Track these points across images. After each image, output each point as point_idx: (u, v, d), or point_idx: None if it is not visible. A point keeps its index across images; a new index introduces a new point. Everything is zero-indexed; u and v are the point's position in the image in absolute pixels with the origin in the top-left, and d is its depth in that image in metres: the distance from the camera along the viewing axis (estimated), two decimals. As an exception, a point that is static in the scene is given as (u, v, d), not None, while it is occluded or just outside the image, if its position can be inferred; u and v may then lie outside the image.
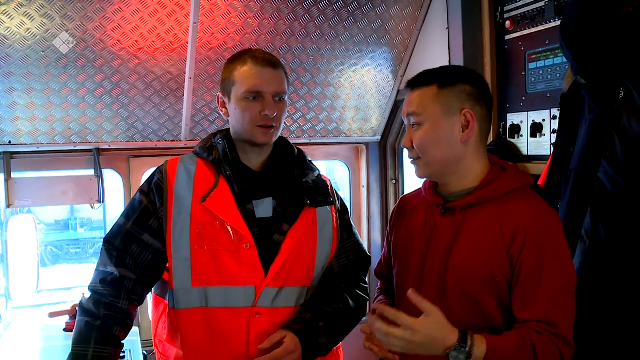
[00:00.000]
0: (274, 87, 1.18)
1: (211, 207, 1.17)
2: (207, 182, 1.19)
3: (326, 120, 2.34)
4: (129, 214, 1.23)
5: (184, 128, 2.11)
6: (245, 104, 1.19)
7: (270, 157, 1.26)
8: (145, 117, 2.03)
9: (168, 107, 2.05)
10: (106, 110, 1.96)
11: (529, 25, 1.70)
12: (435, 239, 1.12)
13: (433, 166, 1.12)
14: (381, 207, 2.55)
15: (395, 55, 2.25)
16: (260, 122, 1.18)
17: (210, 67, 1.98)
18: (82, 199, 2.06)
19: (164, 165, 1.24)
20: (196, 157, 1.25)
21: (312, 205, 1.24)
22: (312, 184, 1.27)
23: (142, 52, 1.86)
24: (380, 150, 2.53)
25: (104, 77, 1.88)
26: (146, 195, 1.22)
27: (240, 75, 1.19)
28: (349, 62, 2.19)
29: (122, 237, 1.21)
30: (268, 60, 1.19)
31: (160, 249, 1.21)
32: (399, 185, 2.54)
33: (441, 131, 1.08)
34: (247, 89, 1.18)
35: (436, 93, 1.08)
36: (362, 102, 2.35)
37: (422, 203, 1.22)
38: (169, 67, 1.94)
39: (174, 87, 1.99)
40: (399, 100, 2.37)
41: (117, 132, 2.04)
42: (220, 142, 1.23)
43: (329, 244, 1.27)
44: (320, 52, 2.10)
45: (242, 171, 1.21)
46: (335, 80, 2.23)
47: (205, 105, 2.10)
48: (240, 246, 1.16)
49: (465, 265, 1.07)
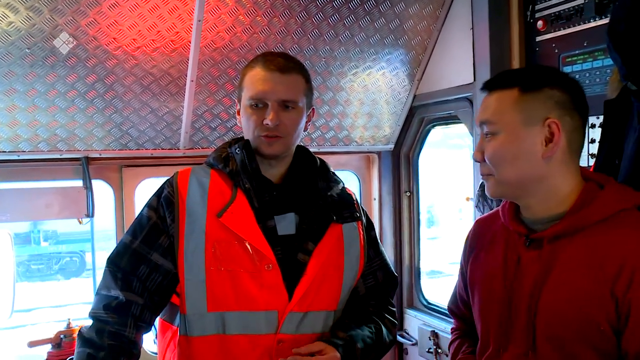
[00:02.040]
0: (278, 94, 1.16)
1: (228, 223, 1.15)
2: (223, 195, 1.18)
3: (337, 128, 2.35)
4: (135, 231, 1.20)
5: (183, 135, 2.10)
6: (249, 111, 1.19)
7: (290, 168, 1.26)
8: (140, 123, 2.01)
9: (166, 113, 2.04)
10: (98, 115, 1.94)
11: (564, 25, 1.70)
12: (521, 278, 1.03)
13: (506, 185, 1.03)
14: (394, 221, 2.54)
15: (412, 58, 2.26)
16: (263, 132, 1.18)
17: (214, 69, 1.97)
18: (69, 213, 2.02)
19: (173, 178, 1.22)
20: (209, 169, 1.23)
21: (338, 221, 1.23)
22: (337, 197, 1.26)
23: (140, 51, 1.85)
24: (394, 160, 2.53)
25: (96, 79, 1.86)
26: (155, 210, 1.20)
27: (247, 80, 1.20)
28: (363, 64, 2.20)
29: (128, 257, 1.18)
30: (277, 64, 1.18)
31: (171, 270, 1.19)
32: (414, 197, 2.54)
33: (519, 144, 0.99)
34: (251, 95, 1.18)
35: (517, 98, 1.00)
36: (376, 108, 2.37)
37: (501, 231, 1.12)
38: (168, 69, 1.93)
39: (174, 90, 1.98)
40: (414, 106, 2.39)
41: (109, 139, 2.01)
42: (239, 152, 1.21)
43: (356, 263, 1.26)
44: (333, 54, 2.11)
45: (262, 184, 1.21)
46: (348, 85, 2.24)
47: (208, 110, 2.09)
48: (262, 267, 1.15)
49: (558, 311, 0.97)
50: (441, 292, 2.33)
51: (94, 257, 2.32)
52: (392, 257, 2.53)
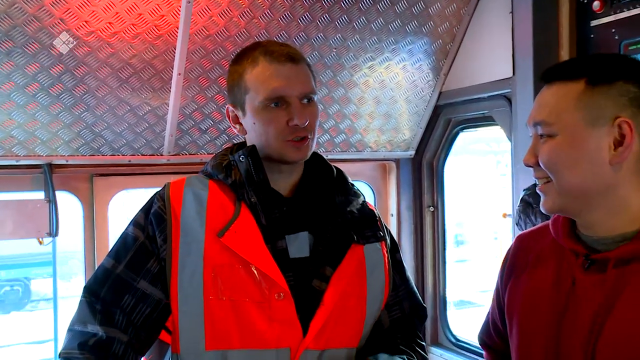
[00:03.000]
0: (299, 87, 1.15)
1: (231, 244, 1.11)
2: (225, 211, 1.15)
3: (348, 131, 2.27)
4: (119, 253, 1.16)
5: (168, 139, 2.01)
6: (266, 114, 1.15)
7: (302, 178, 1.23)
8: (117, 124, 1.93)
9: (148, 112, 1.95)
10: (65, 113, 1.85)
11: (627, 6, 1.60)
12: (576, 307, 0.97)
13: (567, 195, 0.97)
14: (414, 241, 2.45)
15: (438, 48, 2.17)
16: (290, 136, 1.14)
17: (205, 60, 1.90)
18: (27, 232, 1.93)
19: (164, 190, 1.19)
20: (207, 180, 1.20)
21: (359, 242, 1.20)
22: (358, 214, 1.22)
23: (117, 38, 1.76)
24: (414, 169, 2.45)
25: (63, 70, 1.76)
26: (142, 228, 1.16)
27: (253, 79, 1.16)
28: (381, 56, 2.12)
29: (110, 284, 1.14)
30: (286, 54, 1.15)
31: (162, 300, 1.14)
32: (438, 213, 2.44)
33: (581, 146, 0.94)
34: (266, 96, 1.14)
35: (582, 92, 0.94)
36: (394, 108, 2.29)
37: (551, 249, 1.07)
38: (152, 59, 1.84)
39: (158, 85, 1.90)
40: (440, 105, 2.29)
41: (77, 143, 1.93)
42: (243, 159, 1.17)
43: (380, 292, 1.22)
44: (346, 43, 2.03)
45: (271, 198, 1.17)
46: (363, 80, 2.16)
47: (197, 109, 2.01)
48: (271, 296, 1.10)
49: (625, 354, 0.90)
50: (472, 326, 2.21)
51: (55, 286, 2.19)
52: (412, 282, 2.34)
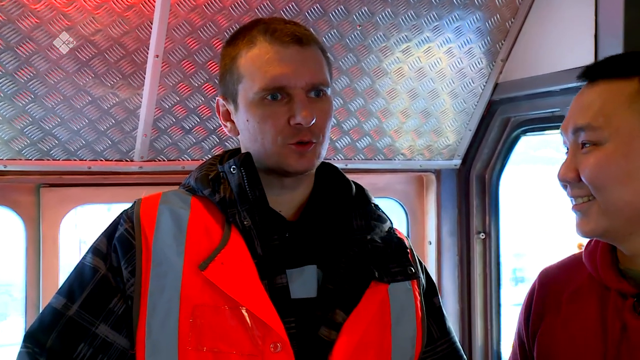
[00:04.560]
0: (306, 75, 1.13)
1: (217, 278, 1.10)
2: (210, 237, 1.14)
3: (374, 133, 2.19)
4: (72, 290, 1.14)
5: (141, 140, 1.92)
6: (262, 109, 1.14)
7: (311, 196, 1.22)
8: (73, 120, 1.84)
9: (115, 105, 1.87)
10: (3, 105, 1.78)
11: None
12: (631, 357, 1.01)
13: (615, 217, 1.02)
14: (459, 278, 2.38)
15: (494, 26, 2.06)
16: (291, 138, 1.13)
17: (191, 38, 1.82)
18: None
19: (134, 208, 1.18)
20: (189, 196, 1.19)
21: (382, 280, 1.18)
22: (381, 243, 1.21)
23: (74, 7, 1.68)
24: (460, 183, 2.37)
25: (2, 48, 1.68)
26: (104, 257, 1.15)
27: (248, 63, 1.15)
28: (419, 36, 2.03)
29: (60, 330, 1.12)
30: (292, 34, 1.14)
31: (127, 349, 1.13)
32: (491, 242, 2.33)
33: (634, 157, 0.99)
34: (263, 85, 1.12)
35: (636, 93, 0.99)
36: (435, 104, 2.18)
37: (589, 287, 1.12)
38: (121, 37, 1.76)
39: (128, 70, 1.82)
40: (495, 100, 2.19)
41: (20, 144, 1.85)
42: (235, 171, 1.16)
43: (410, 346, 1.22)
44: (374, 18, 1.94)
45: (270, 220, 1.17)
46: (394, 67, 2.07)
47: (179, 102, 1.92)
48: (265, 347, 1.09)
49: None
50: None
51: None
52: (456, 331, 2.48)
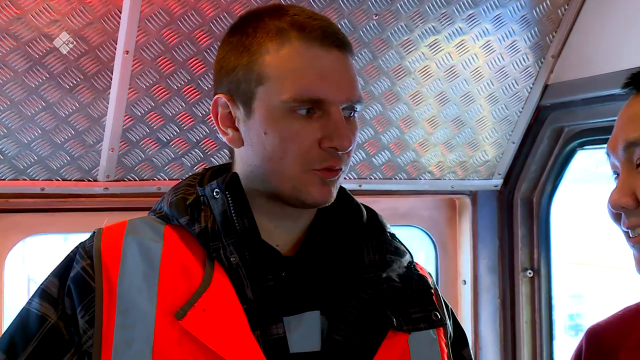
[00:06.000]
0: (347, 90, 1.09)
1: (197, 330, 1.04)
2: (188, 277, 1.08)
3: (395, 147, 2.17)
4: (13, 343, 1.09)
5: (107, 155, 1.90)
6: (289, 124, 1.07)
7: (312, 226, 1.17)
8: (23, 131, 1.83)
9: (76, 112, 1.84)
10: None
11: None
12: None
13: None
14: (501, 326, 2.33)
15: (544, 14, 2.03)
16: (320, 163, 1.07)
17: (168, 30, 1.78)
18: None
19: (93, 240, 1.13)
20: (162, 224, 1.14)
21: (401, 329, 1.12)
22: (400, 282, 1.16)
23: None
24: (502, 208, 2.33)
25: None
26: (54, 302, 1.08)
27: (278, 63, 1.07)
28: (450, 27, 2.00)
29: None
30: (333, 35, 1.08)
31: None
32: (541, 280, 2.27)
33: None
34: (297, 94, 1.05)
35: None
36: (470, 111, 2.15)
37: None
38: (82, 28, 1.73)
39: (92, 70, 1.79)
40: (545, 105, 2.16)
41: None
42: (219, 196, 1.10)
43: None
44: (394, 6, 1.90)
45: (262, 256, 1.12)
46: (419, 66, 2.04)
47: (154, 109, 1.88)
48: None
49: None
50: None
51: None
52: None
